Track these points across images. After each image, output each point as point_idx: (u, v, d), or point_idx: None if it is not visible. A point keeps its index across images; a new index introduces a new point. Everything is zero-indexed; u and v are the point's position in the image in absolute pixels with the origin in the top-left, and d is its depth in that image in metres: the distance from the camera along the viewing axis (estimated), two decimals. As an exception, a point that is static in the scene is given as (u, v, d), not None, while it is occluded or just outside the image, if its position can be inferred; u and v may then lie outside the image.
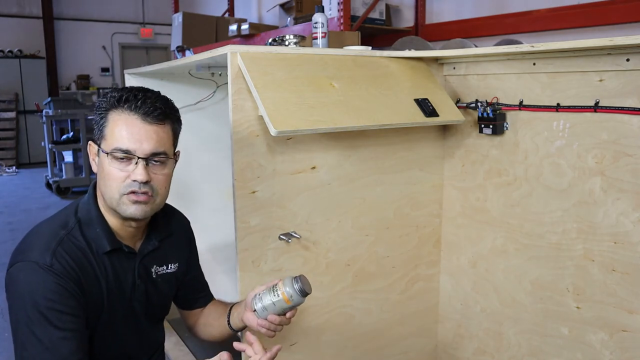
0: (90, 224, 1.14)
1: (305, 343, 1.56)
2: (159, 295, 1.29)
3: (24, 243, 1.12)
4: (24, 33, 9.21)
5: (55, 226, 1.12)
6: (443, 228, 1.82)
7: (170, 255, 1.30)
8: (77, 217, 1.15)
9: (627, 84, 1.27)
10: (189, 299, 1.43)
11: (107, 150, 1.09)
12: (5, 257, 4.18)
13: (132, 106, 1.08)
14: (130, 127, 1.08)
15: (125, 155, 1.08)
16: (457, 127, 1.72)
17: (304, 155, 1.46)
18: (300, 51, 1.46)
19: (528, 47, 1.35)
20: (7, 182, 7.61)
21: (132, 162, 1.09)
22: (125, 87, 1.16)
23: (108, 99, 1.12)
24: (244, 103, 1.34)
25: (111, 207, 1.13)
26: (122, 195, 1.09)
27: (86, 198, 1.18)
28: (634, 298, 1.31)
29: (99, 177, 1.13)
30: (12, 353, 1.06)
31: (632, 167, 1.28)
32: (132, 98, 1.09)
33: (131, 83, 2.30)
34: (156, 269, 1.26)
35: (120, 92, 1.11)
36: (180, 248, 1.34)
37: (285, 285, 1.18)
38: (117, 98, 1.10)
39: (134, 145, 1.08)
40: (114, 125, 1.09)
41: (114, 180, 1.09)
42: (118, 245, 1.16)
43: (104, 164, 1.10)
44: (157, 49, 10.43)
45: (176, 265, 1.31)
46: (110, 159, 1.08)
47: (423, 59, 1.69)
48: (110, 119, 1.10)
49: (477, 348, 1.76)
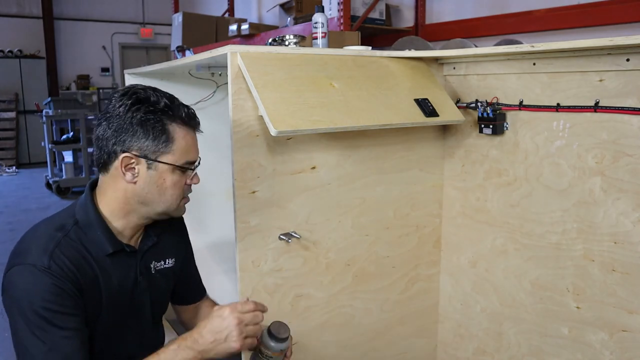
0: (90, 227, 1.13)
1: (305, 343, 1.56)
2: (159, 292, 1.29)
3: (21, 245, 1.11)
4: (24, 33, 9.21)
5: (52, 228, 1.12)
6: (443, 228, 1.82)
7: (167, 251, 1.31)
8: (74, 219, 1.14)
9: (627, 84, 1.27)
10: (185, 295, 1.44)
11: (177, 163, 1.14)
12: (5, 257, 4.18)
13: (191, 122, 1.16)
14: (193, 141, 1.18)
15: (190, 166, 1.17)
16: (457, 127, 1.72)
17: (304, 155, 1.46)
18: (300, 51, 1.46)
19: (528, 47, 1.35)
20: (7, 182, 7.62)
21: (187, 171, 1.17)
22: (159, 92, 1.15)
23: (156, 109, 1.11)
24: (244, 103, 1.34)
25: (160, 213, 1.18)
26: (180, 201, 1.19)
27: (83, 200, 1.17)
28: (634, 298, 1.31)
29: (149, 189, 1.13)
30: (12, 353, 1.05)
31: (632, 167, 1.28)
32: (186, 113, 1.15)
33: (131, 83, 2.30)
34: (155, 264, 1.27)
35: (170, 103, 1.13)
36: (175, 243, 1.35)
37: (267, 347, 1.18)
38: (172, 110, 1.13)
39: (196, 156, 1.19)
40: (183, 141, 1.14)
41: (179, 189, 1.16)
42: (120, 247, 1.16)
43: (164, 176, 1.13)
44: (157, 49, 10.44)
45: (173, 261, 1.32)
46: (175, 170, 1.14)
47: (423, 59, 1.69)
48: (175, 135, 1.13)
49: (477, 348, 1.76)
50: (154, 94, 1.13)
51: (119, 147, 1.10)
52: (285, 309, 1.49)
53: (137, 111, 1.10)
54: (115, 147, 1.10)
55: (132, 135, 1.10)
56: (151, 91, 1.13)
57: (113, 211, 1.16)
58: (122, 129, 1.10)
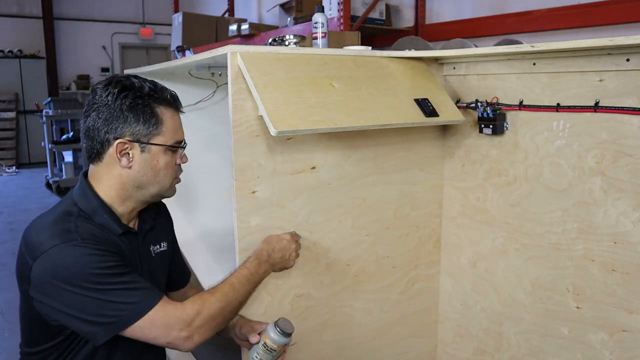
0: (94, 213, 1.16)
1: (305, 343, 1.56)
2: (159, 275, 1.34)
3: (33, 239, 1.09)
4: (24, 33, 9.21)
5: (59, 217, 1.13)
6: (443, 228, 1.82)
7: (161, 235, 1.37)
8: (77, 207, 1.16)
9: (627, 84, 1.27)
10: (175, 279, 1.49)
11: (168, 143, 1.19)
12: (5, 257, 4.18)
13: (175, 103, 1.22)
14: (178, 121, 1.23)
15: (179, 145, 1.23)
16: (457, 127, 1.72)
17: (304, 155, 1.46)
18: (300, 51, 1.46)
19: (528, 47, 1.35)
20: (7, 182, 7.62)
21: (178, 150, 1.23)
22: (140, 78, 1.20)
23: (142, 93, 1.16)
24: (244, 103, 1.34)
25: (155, 195, 1.23)
26: (172, 181, 1.24)
27: (79, 191, 1.19)
28: (634, 298, 1.31)
29: (144, 172, 1.18)
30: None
31: (632, 167, 1.28)
32: (169, 95, 1.21)
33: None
34: (153, 248, 1.32)
35: (154, 86, 1.19)
36: (165, 228, 1.41)
37: (273, 341, 1.27)
38: (157, 93, 1.18)
39: (183, 135, 1.24)
40: (171, 121, 1.20)
41: (171, 169, 1.22)
42: (126, 228, 1.21)
43: (157, 157, 1.19)
44: (157, 49, 10.44)
45: (166, 244, 1.38)
46: (166, 151, 1.19)
47: (423, 59, 1.69)
48: (163, 116, 1.18)
49: (477, 348, 1.76)
50: (137, 81, 1.18)
51: (111, 135, 1.15)
52: (285, 309, 1.49)
53: (125, 98, 1.14)
54: (107, 135, 1.15)
55: (124, 121, 1.14)
56: (133, 78, 1.19)
57: (112, 198, 1.19)
58: (112, 117, 1.14)
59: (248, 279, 1.25)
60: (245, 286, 1.24)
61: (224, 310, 1.17)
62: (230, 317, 1.21)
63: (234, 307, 1.21)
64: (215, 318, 1.15)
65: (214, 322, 1.15)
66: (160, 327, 1.08)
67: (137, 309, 1.06)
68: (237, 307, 1.23)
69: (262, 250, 1.33)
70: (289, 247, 1.37)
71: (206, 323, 1.13)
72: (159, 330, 1.08)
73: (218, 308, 1.15)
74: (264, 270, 1.30)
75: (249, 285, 1.25)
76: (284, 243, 1.36)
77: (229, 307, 1.18)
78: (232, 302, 1.20)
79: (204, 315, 1.12)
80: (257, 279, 1.28)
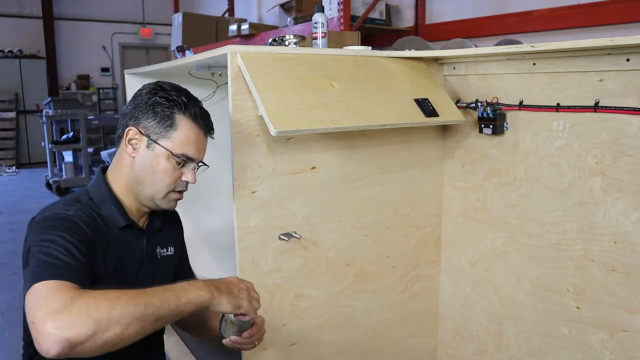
0: (104, 203, 1.21)
1: (305, 343, 1.56)
2: (161, 279, 1.31)
3: (39, 214, 1.15)
4: (24, 33, 9.21)
5: (68, 202, 1.18)
6: (443, 228, 1.82)
7: (169, 239, 1.38)
8: (89, 196, 1.22)
9: (627, 84, 1.27)
10: None
11: (174, 151, 1.19)
12: (6, 257, 4.18)
13: (200, 121, 1.22)
14: (198, 139, 1.22)
15: (187, 161, 1.21)
16: (457, 127, 1.72)
17: (304, 155, 1.46)
18: (300, 51, 1.46)
19: (528, 47, 1.35)
20: (7, 182, 7.62)
21: (187, 166, 1.22)
22: (183, 90, 1.24)
23: (171, 98, 1.20)
24: (244, 103, 1.34)
25: (149, 198, 1.22)
26: (169, 192, 1.22)
27: (95, 181, 1.26)
28: (634, 298, 1.31)
29: (143, 167, 1.20)
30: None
31: (632, 167, 1.28)
32: (199, 112, 1.22)
33: (131, 83, 2.30)
34: (159, 250, 1.33)
35: (187, 100, 1.21)
36: (174, 233, 1.42)
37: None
38: (185, 105, 1.20)
39: (197, 155, 1.22)
40: (185, 132, 1.20)
41: (169, 177, 1.20)
42: (131, 222, 1.24)
43: (159, 159, 1.19)
44: (157, 49, 10.44)
45: (173, 249, 1.38)
46: (170, 158, 1.19)
47: (423, 59, 1.69)
48: (179, 124, 1.19)
49: (477, 348, 1.76)
50: (177, 89, 1.23)
51: (131, 122, 1.21)
52: (285, 309, 1.49)
53: (154, 95, 1.21)
54: (128, 121, 1.22)
55: (144, 114, 1.20)
56: (178, 87, 1.24)
57: (120, 188, 1.24)
58: (138, 107, 1.21)
59: (176, 295, 1.02)
60: (166, 300, 1.00)
61: (112, 318, 0.90)
62: (128, 327, 0.93)
63: (134, 316, 0.93)
64: (96, 322, 0.89)
65: (90, 326, 0.87)
66: (34, 302, 0.91)
67: (39, 273, 0.96)
68: (143, 320, 0.95)
69: (218, 279, 1.16)
70: (239, 284, 1.16)
71: (76, 324, 0.86)
72: (32, 304, 0.91)
73: (104, 312, 0.90)
74: (207, 293, 1.06)
75: (175, 300, 1.01)
76: (236, 280, 1.17)
77: (124, 314, 0.92)
78: (132, 310, 0.94)
79: (75, 311, 0.88)
80: (192, 296, 1.04)
